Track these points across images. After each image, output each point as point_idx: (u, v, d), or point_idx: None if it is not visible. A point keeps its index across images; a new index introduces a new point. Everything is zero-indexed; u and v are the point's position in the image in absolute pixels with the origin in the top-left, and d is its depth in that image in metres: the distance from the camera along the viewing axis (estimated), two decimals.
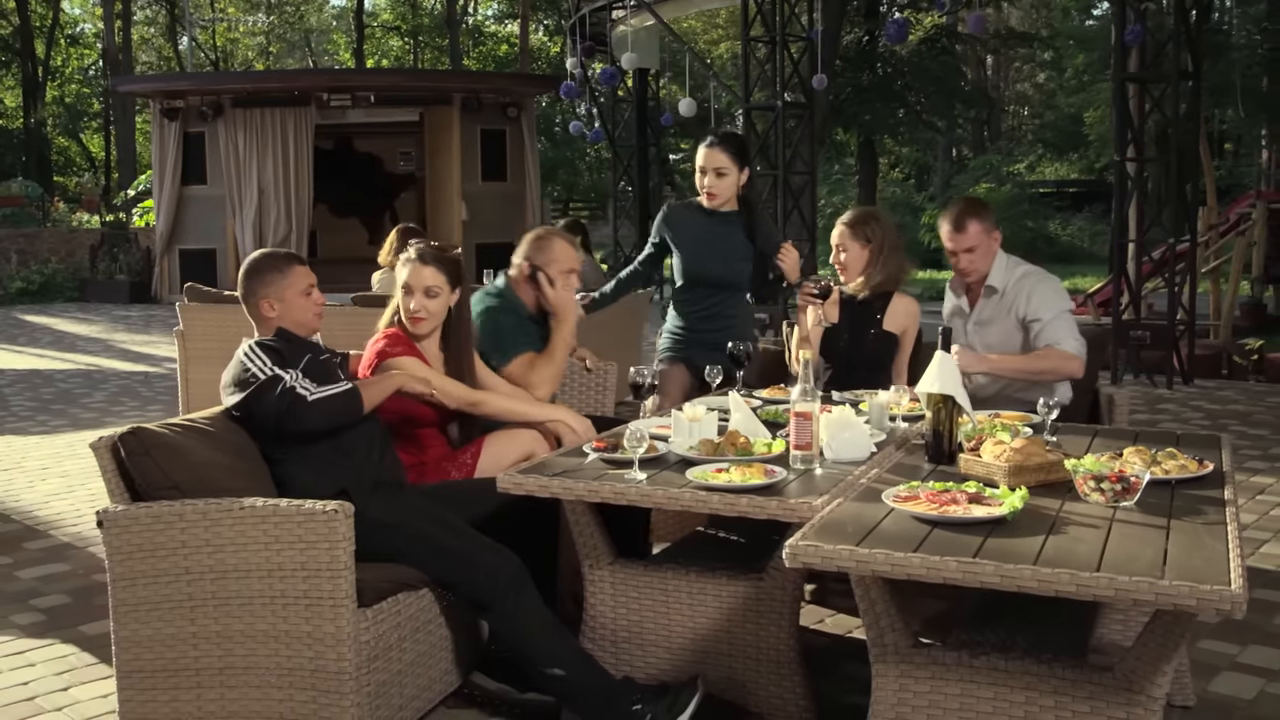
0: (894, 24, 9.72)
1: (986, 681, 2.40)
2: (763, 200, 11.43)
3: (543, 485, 2.84)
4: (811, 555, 2.29)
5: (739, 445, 2.99)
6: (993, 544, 2.29)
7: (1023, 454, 2.75)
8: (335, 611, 2.71)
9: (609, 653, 3.05)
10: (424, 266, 3.59)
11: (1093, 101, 28.31)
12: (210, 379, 7.03)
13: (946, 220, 4.15)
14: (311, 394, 3.09)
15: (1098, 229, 29.83)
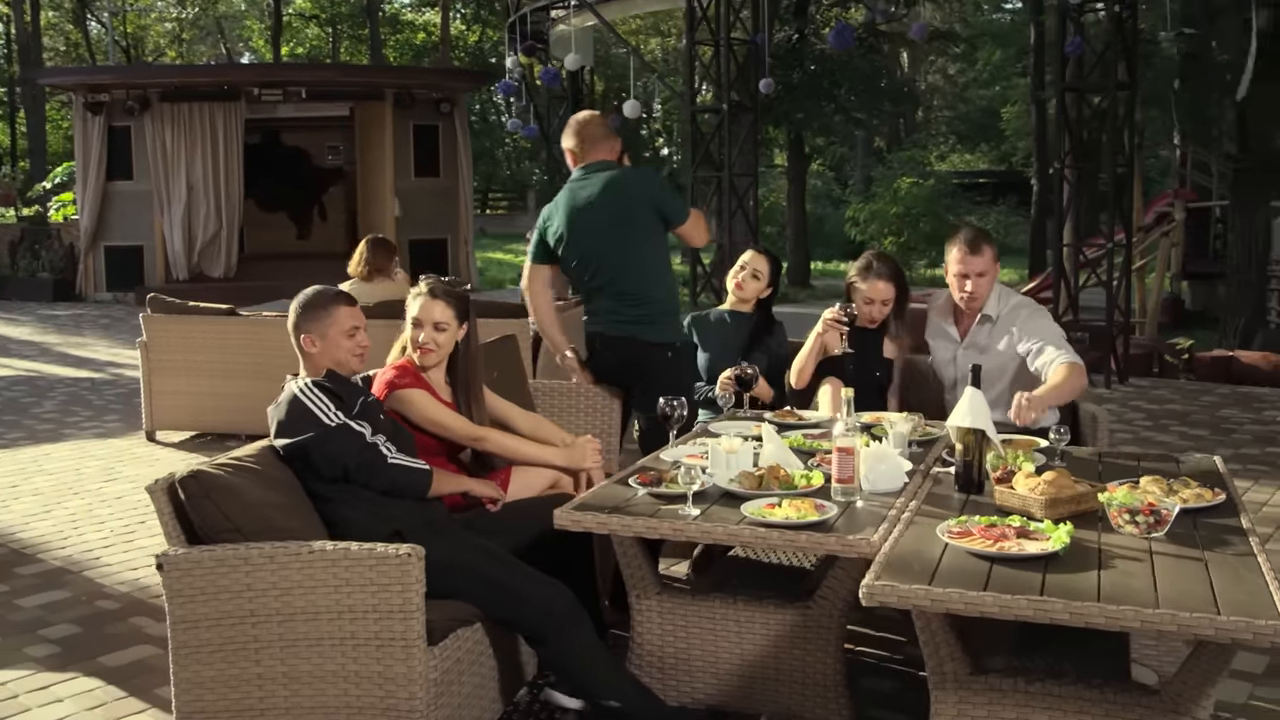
0: (838, 31, 9.91)
1: (1041, 706, 2.57)
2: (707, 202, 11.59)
3: (601, 523, 2.94)
4: (888, 595, 2.42)
5: (781, 479, 3.11)
6: (1053, 580, 2.45)
7: (1055, 487, 2.92)
8: (407, 652, 2.78)
9: (655, 678, 3.16)
10: (434, 301, 3.66)
11: (1008, 96, 29.08)
12: (175, 390, 7.07)
13: (961, 243, 4.26)
14: (391, 457, 3.17)
15: (1012, 220, 30.67)
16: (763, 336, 4.78)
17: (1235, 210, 9.87)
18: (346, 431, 3.16)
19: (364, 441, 3.16)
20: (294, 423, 3.17)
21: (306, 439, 3.13)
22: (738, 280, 4.75)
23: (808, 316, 5.04)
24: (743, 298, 4.77)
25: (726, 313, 4.83)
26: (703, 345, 4.75)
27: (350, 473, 3.15)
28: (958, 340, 4.40)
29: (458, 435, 3.66)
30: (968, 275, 4.23)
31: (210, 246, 15.75)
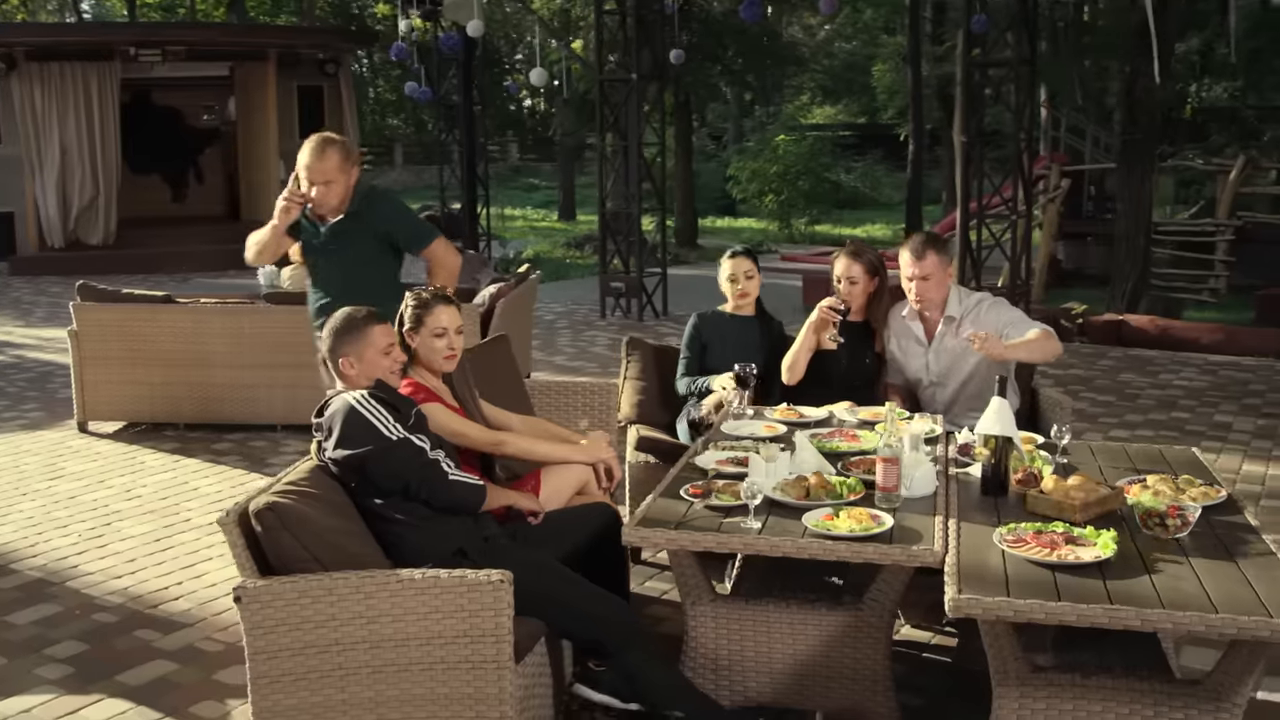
0: (750, 3, 10.04)
1: (1096, 698, 2.82)
2: (615, 168, 11.65)
3: (670, 539, 3.07)
4: (973, 607, 2.63)
5: (828, 489, 3.29)
6: (1114, 587, 2.68)
7: (1084, 491, 3.17)
8: (499, 673, 2.87)
9: (709, 679, 3.32)
10: (451, 307, 3.74)
11: (875, 54, 29.74)
12: (109, 380, 6.89)
13: (907, 249, 4.54)
14: (451, 473, 3.22)
15: (878, 174, 31.53)
16: (769, 336, 4.91)
17: (1123, 178, 10.43)
18: (408, 446, 3.20)
19: (425, 457, 3.21)
20: (355, 434, 3.18)
21: (367, 451, 3.16)
22: (741, 289, 4.83)
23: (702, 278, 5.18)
24: (745, 302, 4.89)
25: (730, 316, 4.91)
26: (713, 345, 4.83)
27: (411, 489, 3.19)
28: (925, 343, 4.63)
29: (479, 443, 3.73)
30: (913, 279, 4.48)
31: (87, 213, 15.12)
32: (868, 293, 4.75)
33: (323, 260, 4.59)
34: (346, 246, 4.50)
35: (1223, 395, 8.11)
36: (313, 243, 4.57)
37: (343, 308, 3.48)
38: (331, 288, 4.57)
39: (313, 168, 4.35)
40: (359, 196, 4.49)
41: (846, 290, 4.74)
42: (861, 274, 4.73)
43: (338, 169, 4.36)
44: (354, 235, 4.48)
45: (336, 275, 4.55)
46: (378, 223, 4.53)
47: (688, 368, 4.89)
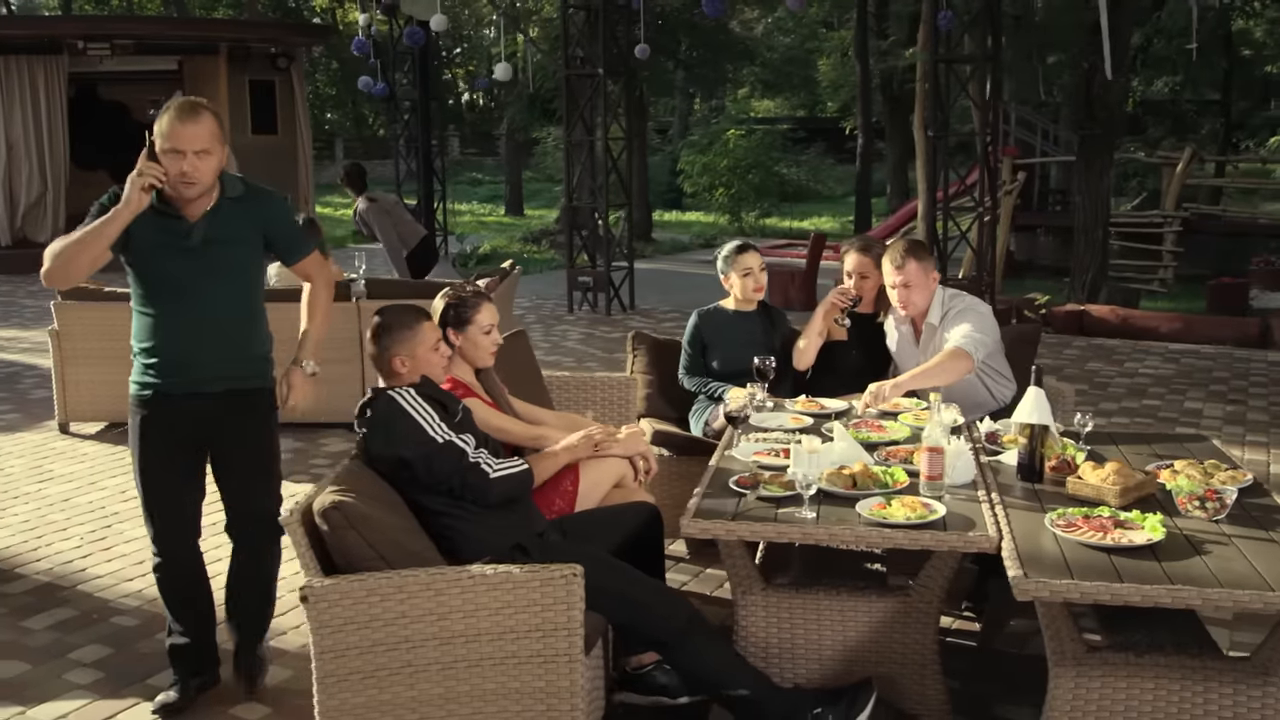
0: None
1: (1150, 675, 2.92)
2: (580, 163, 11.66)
3: (730, 530, 3.12)
4: (1040, 590, 2.71)
5: (875, 479, 3.36)
6: (1170, 568, 2.78)
7: (1122, 476, 3.28)
8: (570, 666, 2.90)
9: (759, 663, 3.37)
10: (490, 304, 3.78)
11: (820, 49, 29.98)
12: (92, 380, 6.78)
13: (888, 257, 4.63)
14: (493, 471, 3.24)
15: (825, 167, 31.83)
16: (775, 329, 4.97)
17: (1083, 173, 10.67)
18: (450, 449, 3.22)
19: (467, 461, 3.23)
20: (403, 433, 3.20)
21: (412, 454, 3.18)
22: (757, 285, 4.88)
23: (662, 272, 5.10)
24: (759, 295, 4.93)
25: (733, 311, 4.96)
26: (716, 345, 4.87)
27: (455, 491, 3.22)
28: (915, 345, 4.72)
29: (520, 438, 3.76)
30: (895, 286, 4.57)
31: (35, 210, 14.79)
32: (878, 286, 4.83)
33: (186, 273, 3.32)
34: (229, 249, 3.35)
35: (1189, 383, 8.34)
36: (169, 246, 3.30)
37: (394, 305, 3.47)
38: (197, 325, 3.36)
39: (185, 133, 3.20)
40: (235, 181, 3.43)
41: (857, 284, 4.83)
42: (873, 268, 4.82)
43: (214, 136, 3.25)
44: (236, 233, 3.37)
45: (211, 297, 3.35)
46: (266, 218, 3.46)
47: (691, 365, 4.93)
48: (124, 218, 3.18)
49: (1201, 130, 20.89)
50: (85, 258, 3.23)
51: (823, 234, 12.31)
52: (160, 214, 3.28)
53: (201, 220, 3.31)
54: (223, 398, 3.43)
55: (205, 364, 3.39)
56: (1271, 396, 7.90)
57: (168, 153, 3.20)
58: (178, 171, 3.20)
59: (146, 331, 3.39)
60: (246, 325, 3.47)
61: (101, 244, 3.21)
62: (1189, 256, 14.65)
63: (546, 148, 28.98)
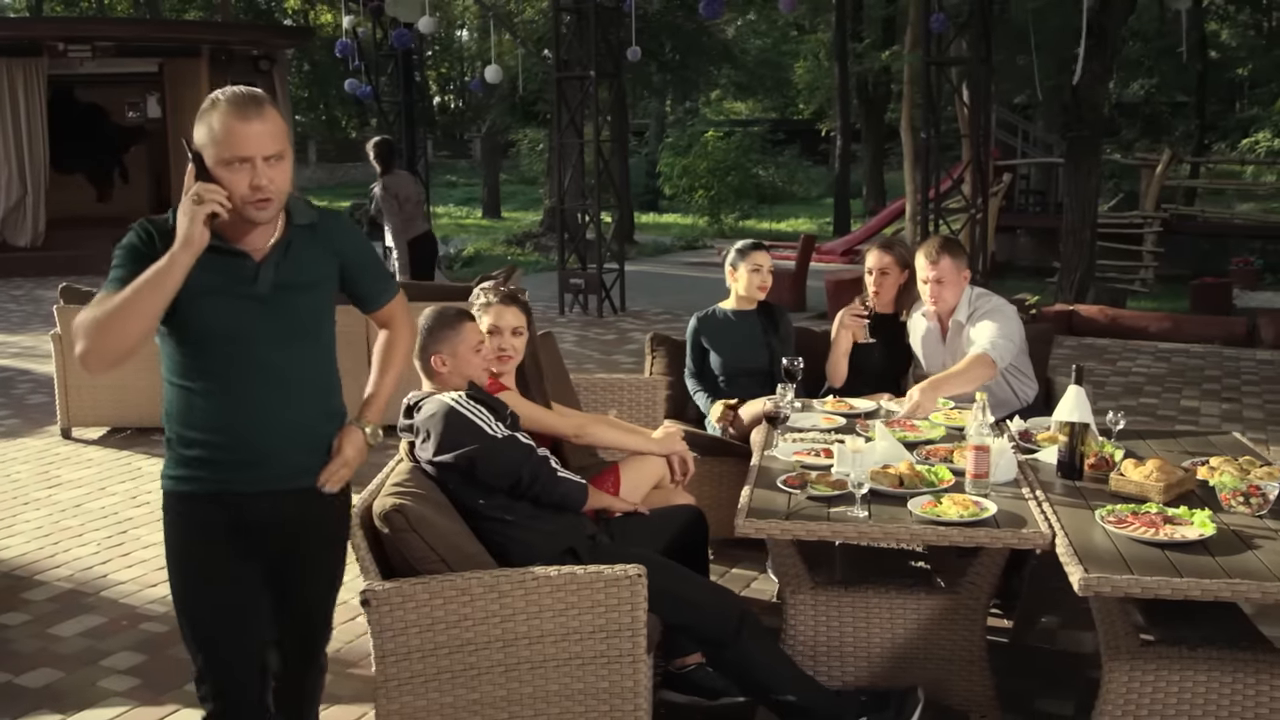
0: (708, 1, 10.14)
1: (1203, 669, 2.96)
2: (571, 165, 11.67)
3: (785, 529, 3.14)
4: (1103, 585, 2.75)
5: (922, 478, 3.39)
6: (1224, 562, 2.83)
7: (1164, 473, 3.32)
8: (634, 666, 2.92)
9: (807, 665, 3.39)
10: (508, 308, 3.77)
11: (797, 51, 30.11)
12: (94, 386, 6.70)
13: (922, 252, 4.68)
14: (560, 471, 3.25)
15: (797, 169, 31.95)
16: (773, 328, 5.00)
17: (1070, 174, 10.78)
18: (515, 443, 3.22)
19: (535, 455, 3.24)
20: (457, 435, 3.18)
21: (474, 450, 3.16)
22: (763, 284, 4.89)
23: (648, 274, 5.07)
24: (763, 294, 4.97)
25: (731, 311, 4.97)
26: (715, 347, 4.89)
27: (523, 484, 3.21)
28: (942, 341, 4.77)
29: (562, 431, 3.76)
30: (928, 281, 4.62)
31: (14, 213, 14.64)
32: (899, 284, 4.88)
33: (251, 330, 2.46)
34: (306, 295, 2.53)
35: (1182, 381, 8.45)
36: (227, 295, 2.44)
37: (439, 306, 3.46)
38: (265, 400, 2.49)
39: (251, 133, 2.36)
40: (300, 203, 2.56)
41: (878, 282, 4.88)
42: (893, 266, 4.87)
43: (285, 134, 2.47)
44: (314, 272, 2.55)
45: (284, 360, 2.50)
46: (344, 250, 2.63)
47: (694, 368, 4.97)
48: (184, 263, 2.30)
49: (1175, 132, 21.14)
50: (137, 326, 2.29)
51: (812, 236, 12.38)
52: (215, 252, 2.39)
53: (271, 257, 2.47)
54: (296, 498, 2.55)
55: (276, 453, 2.50)
56: (1265, 394, 8.01)
57: (229, 164, 2.35)
58: (247, 188, 2.36)
59: (191, 412, 2.47)
60: (327, 397, 2.62)
61: (158, 304, 2.30)
62: (1168, 256, 14.83)
63: (523, 150, 28.93)
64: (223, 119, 2.37)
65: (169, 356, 2.49)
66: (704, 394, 4.82)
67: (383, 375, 2.78)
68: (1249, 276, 13.95)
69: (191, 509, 2.53)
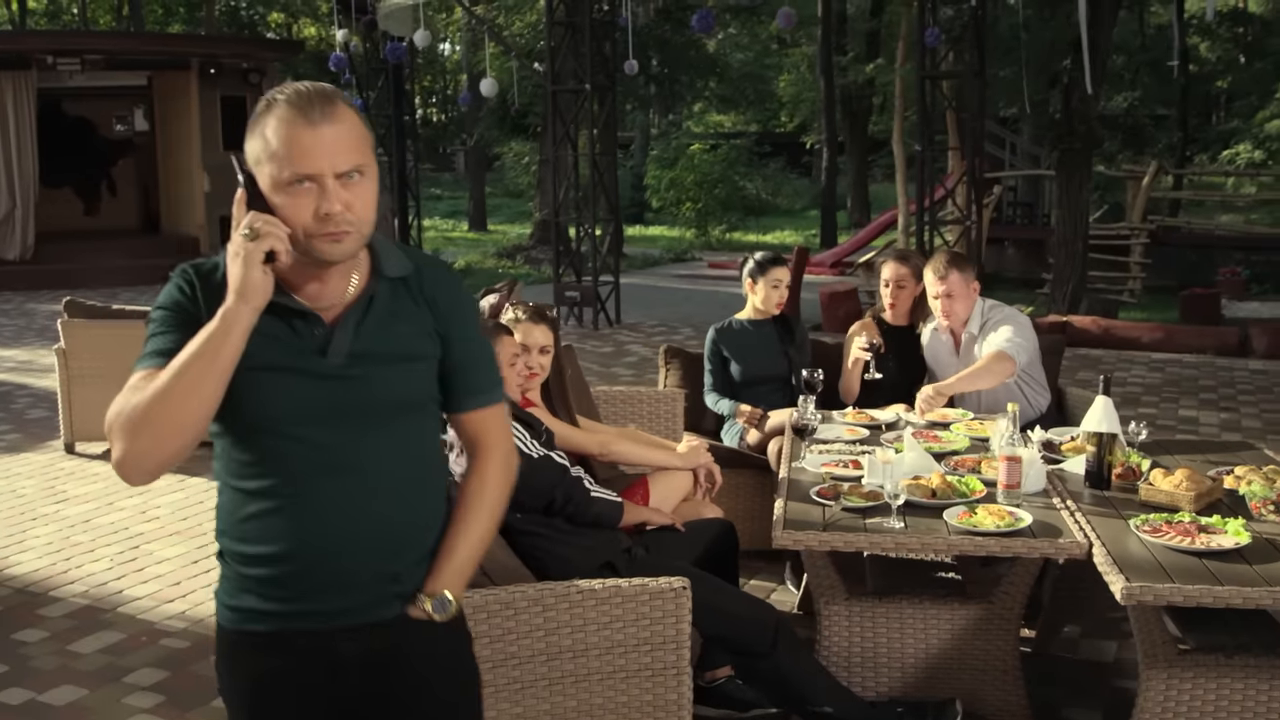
0: (701, 15, 10.21)
1: (1239, 675, 2.99)
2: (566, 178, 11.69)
3: (823, 540, 3.15)
4: (1145, 594, 2.77)
5: (954, 489, 3.41)
6: (1262, 570, 2.86)
7: (1194, 482, 3.36)
8: (678, 679, 2.93)
9: (842, 672, 3.41)
10: (536, 326, 3.77)
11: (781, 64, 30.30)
12: (99, 400, 6.60)
13: (930, 268, 4.73)
14: (593, 490, 3.25)
15: (785, 182, 32.10)
16: (789, 337, 5.04)
17: (1062, 187, 10.88)
18: (550, 463, 3.23)
19: (570, 475, 3.24)
20: None
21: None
22: (780, 299, 4.93)
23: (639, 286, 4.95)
24: (774, 310, 4.99)
25: (748, 321, 5.01)
26: (735, 356, 4.93)
27: (556, 504, 3.21)
28: (955, 354, 4.81)
29: (587, 449, 3.77)
30: (938, 297, 4.67)
31: (4, 227, 14.57)
32: (914, 296, 4.92)
33: (321, 416, 1.86)
34: (394, 370, 1.91)
35: (1179, 391, 8.52)
36: (288, 371, 1.85)
37: None
38: (343, 509, 1.88)
39: (320, 141, 1.75)
40: (391, 248, 1.95)
41: (894, 294, 4.92)
42: (909, 278, 4.91)
43: (366, 143, 1.83)
44: (405, 341, 1.92)
45: (366, 457, 1.88)
46: (448, 315, 1.96)
47: (714, 382, 4.98)
48: (244, 321, 1.74)
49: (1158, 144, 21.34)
50: (190, 414, 1.74)
51: (806, 248, 12.43)
52: (273, 312, 1.81)
53: (347, 319, 1.86)
54: (385, 631, 1.94)
55: (357, 576, 1.90)
56: (1262, 404, 8.09)
57: (288, 186, 1.75)
58: (312, 217, 1.76)
59: (247, 522, 1.90)
60: (425, 501, 1.98)
61: (214, 381, 1.74)
62: (1155, 267, 14.94)
63: (509, 163, 28.95)
64: (280, 124, 1.75)
65: (221, 448, 1.92)
66: (726, 402, 4.84)
67: (465, 527, 1.99)
68: (1236, 287, 14.07)
69: (253, 650, 1.94)
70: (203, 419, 1.76)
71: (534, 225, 20.35)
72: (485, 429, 2.03)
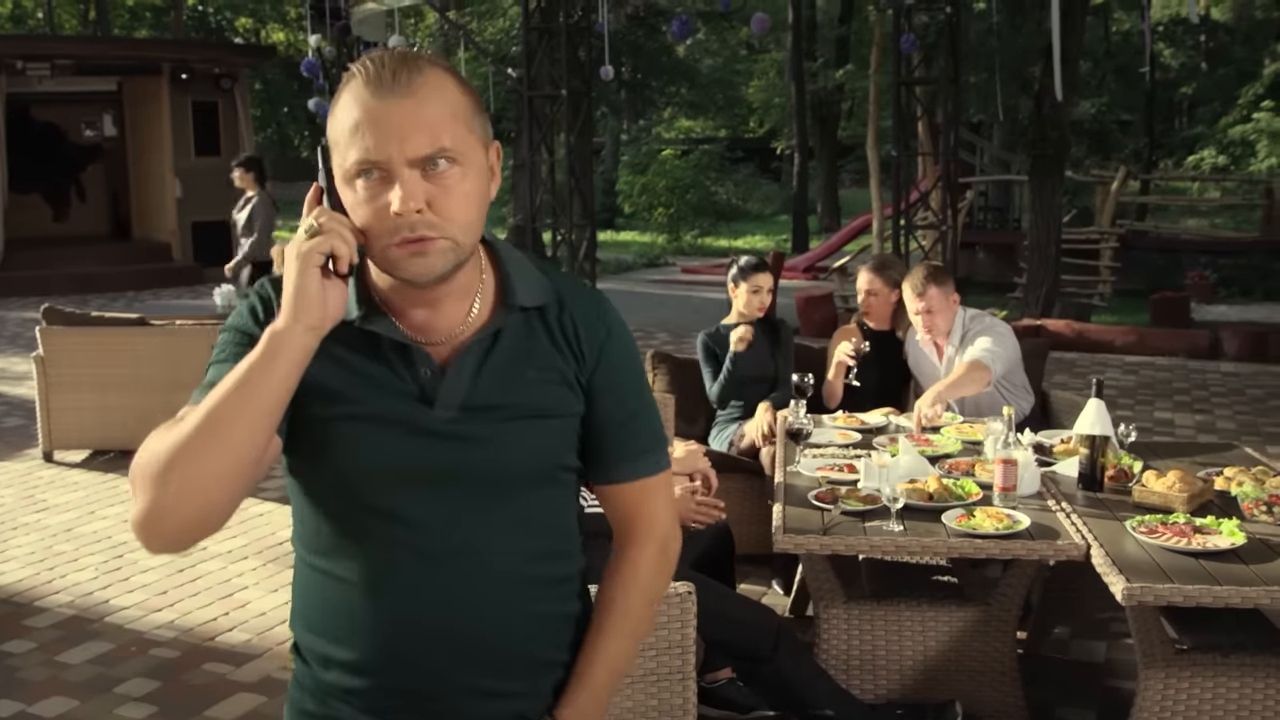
0: (681, 21, 10.24)
1: (1236, 674, 3.03)
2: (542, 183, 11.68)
3: (824, 544, 3.17)
4: (1146, 595, 2.80)
5: (950, 492, 3.44)
6: (1259, 570, 2.90)
7: (1186, 483, 3.40)
8: (684, 684, 2.93)
9: (841, 675, 3.43)
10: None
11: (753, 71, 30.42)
12: (77, 407, 6.59)
13: (908, 285, 4.78)
14: (587, 507, 3.24)
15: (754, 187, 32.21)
16: (775, 338, 5.08)
17: (1035, 192, 10.99)
18: None
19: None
20: None
21: None
22: (761, 304, 5.01)
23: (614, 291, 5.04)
24: (756, 314, 5.03)
25: (735, 325, 5.04)
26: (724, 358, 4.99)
27: None
28: (937, 365, 4.85)
29: None
30: (919, 313, 4.72)
31: None
32: (890, 304, 4.97)
33: (422, 483, 1.47)
34: (524, 426, 1.50)
35: (1154, 394, 8.63)
36: (382, 423, 1.46)
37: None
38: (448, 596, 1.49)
39: (389, 119, 1.35)
40: (524, 265, 1.55)
41: (867, 303, 4.99)
42: (882, 287, 4.97)
43: (466, 123, 1.41)
44: (537, 389, 1.51)
45: (478, 536, 1.49)
46: (603, 354, 1.56)
47: (720, 378, 5.01)
48: (297, 344, 1.36)
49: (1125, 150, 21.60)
50: (224, 460, 1.34)
51: (781, 254, 12.48)
52: (365, 342, 1.47)
53: (463, 360, 1.48)
54: None
55: (460, 697, 1.54)
56: (1235, 405, 8.20)
57: (354, 178, 1.39)
58: (384, 219, 1.38)
59: (327, 611, 1.54)
60: (552, 600, 1.59)
61: (253, 421, 1.35)
62: (1123, 271, 15.10)
63: None
64: (350, 98, 1.39)
65: (298, 517, 1.56)
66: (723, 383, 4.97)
67: (606, 639, 1.61)
68: (1205, 290, 14.25)
69: None
70: (237, 474, 1.35)
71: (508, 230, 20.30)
72: (642, 505, 1.61)
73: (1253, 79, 20.34)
